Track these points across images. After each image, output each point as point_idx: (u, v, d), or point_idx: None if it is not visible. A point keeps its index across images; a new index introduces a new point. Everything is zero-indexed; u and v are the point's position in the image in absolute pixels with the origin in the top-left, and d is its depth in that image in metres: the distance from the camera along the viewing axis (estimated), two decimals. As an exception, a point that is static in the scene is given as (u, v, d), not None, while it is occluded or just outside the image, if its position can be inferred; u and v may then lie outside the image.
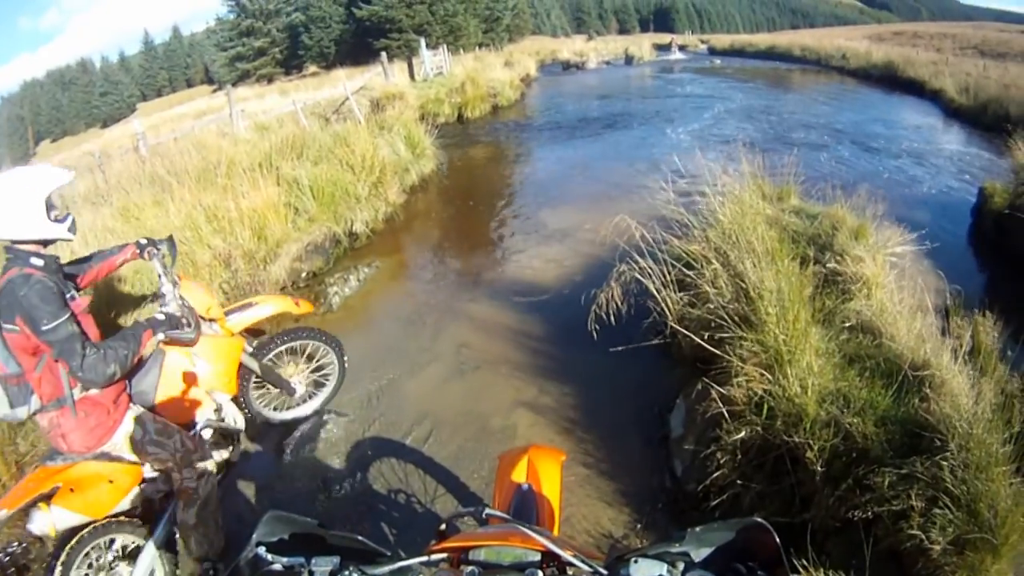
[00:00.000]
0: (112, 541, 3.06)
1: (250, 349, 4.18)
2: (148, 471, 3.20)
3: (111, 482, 3.03)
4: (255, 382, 4.38)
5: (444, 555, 1.39)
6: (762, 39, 49.11)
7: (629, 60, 40.19)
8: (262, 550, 1.29)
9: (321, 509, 3.78)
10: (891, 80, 23.13)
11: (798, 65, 32.51)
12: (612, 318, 4.38)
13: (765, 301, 3.59)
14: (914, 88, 21.01)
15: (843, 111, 17.22)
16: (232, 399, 3.84)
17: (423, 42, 23.35)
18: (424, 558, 1.34)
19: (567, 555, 1.23)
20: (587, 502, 3.64)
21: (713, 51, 47.58)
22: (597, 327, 4.40)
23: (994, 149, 11.59)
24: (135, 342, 2.96)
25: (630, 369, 4.74)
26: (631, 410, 4.46)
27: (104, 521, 2.99)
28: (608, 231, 4.74)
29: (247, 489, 4.10)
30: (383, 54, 20.56)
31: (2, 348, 2.70)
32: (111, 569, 3.04)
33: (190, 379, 3.52)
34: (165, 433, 3.15)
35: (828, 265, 4.57)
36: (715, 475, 3.34)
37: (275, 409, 4.58)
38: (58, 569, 2.76)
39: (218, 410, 3.64)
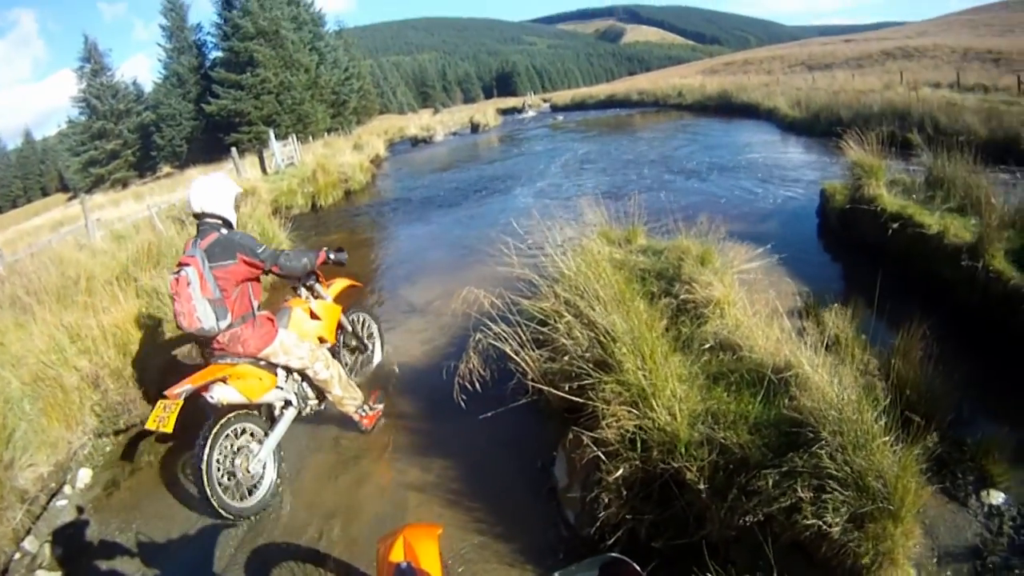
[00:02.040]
0: (244, 430, 4.60)
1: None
2: (281, 379, 4.82)
3: (260, 380, 4.65)
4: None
5: None
6: (601, 89, 51.40)
7: (475, 128, 41.19)
8: None
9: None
10: (727, 108, 24.63)
11: (638, 109, 34.16)
12: (477, 385, 4.48)
13: (619, 343, 3.74)
14: (750, 111, 22.42)
15: (682, 145, 18.15)
16: (329, 349, 5.36)
17: (272, 133, 23.37)
18: None
19: None
20: (488, 568, 3.65)
21: (556, 108, 49.46)
22: (464, 397, 4.48)
23: (830, 153, 12.47)
24: (315, 255, 5.05)
25: (505, 431, 4.80)
26: (514, 470, 4.54)
27: (244, 412, 4.60)
28: (459, 304, 4.85)
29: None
30: (233, 150, 20.53)
31: (212, 281, 4.22)
32: (237, 451, 4.51)
33: (307, 328, 5.20)
34: (299, 345, 4.81)
35: (679, 295, 4.80)
36: (605, 515, 3.42)
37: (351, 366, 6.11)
38: (210, 436, 4.23)
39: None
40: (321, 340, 5.32)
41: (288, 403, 4.94)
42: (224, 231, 4.44)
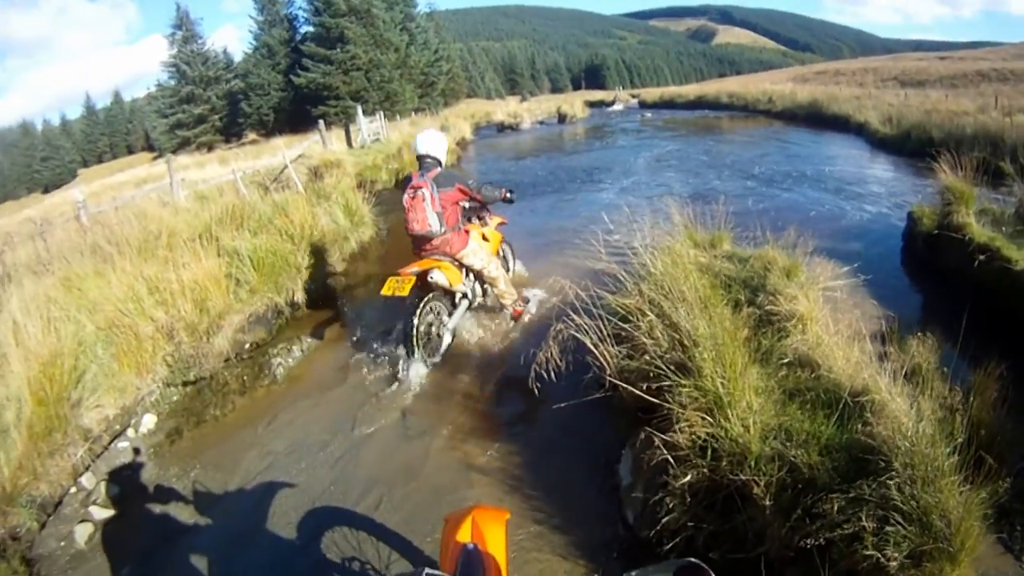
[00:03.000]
0: (437, 308, 6.24)
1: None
2: (464, 277, 6.44)
3: (456, 273, 6.28)
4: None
5: None
6: (690, 89, 50.61)
7: (562, 118, 40.98)
8: None
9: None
10: (817, 118, 23.99)
11: (726, 112, 33.51)
12: (553, 375, 4.42)
13: (700, 348, 3.65)
14: (839, 123, 21.80)
15: (771, 153, 17.74)
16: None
17: (360, 109, 23.55)
18: None
19: None
20: (541, 558, 3.63)
21: (644, 104, 48.82)
22: (539, 385, 4.44)
23: (920, 173, 12.12)
24: (500, 191, 6.63)
25: (575, 424, 4.78)
26: (579, 463, 4.48)
27: (438, 295, 6.20)
28: (544, 292, 4.82)
29: (200, 562, 4.03)
30: (321, 122, 20.64)
31: (438, 200, 5.90)
32: (431, 321, 6.12)
33: (483, 244, 6.72)
34: (480, 252, 6.43)
35: (762, 306, 4.68)
36: (666, 520, 3.35)
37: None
38: (418, 307, 5.88)
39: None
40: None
41: (464, 295, 6.58)
42: (440, 168, 6.12)
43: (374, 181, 15.86)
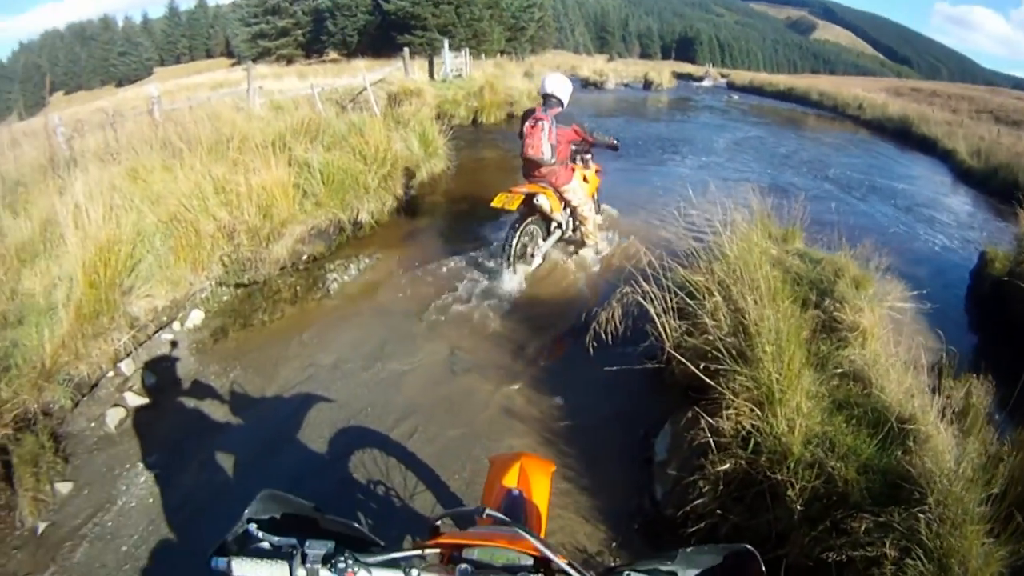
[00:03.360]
0: (534, 231, 6.89)
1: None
2: (561, 208, 7.00)
3: (557, 202, 6.82)
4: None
5: (437, 551, 1.39)
6: (782, 79, 49.09)
7: (647, 85, 40.14)
8: (253, 527, 1.28)
9: (298, 493, 3.79)
10: (904, 135, 23.18)
11: (814, 110, 32.55)
12: (609, 337, 4.41)
13: (763, 338, 3.60)
14: (926, 145, 21.04)
15: (855, 160, 17.24)
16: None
17: (446, 43, 23.31)
18: (418, 552, 1.32)
19: (562, 563, 1.23)
20: (564, 515, 3.64)
21: (732, 86, 47.54)
22: (594, 344, 4.43)
23: (999, 214, 11.69)
24: (608, 137, 7.13)
25: (621, 389, 4.75)
26: (617, 430, 4.46)
27: (536, 219, 6.83)
28: (617, 253, 4.77)
29: (227, 462, 4.11)
30: (405, 49, 20.52)
31: (554, 134, 6.39)
32: (524, 245, 6.72)
33: (583, 183, 7.19)
34: (579, 190, 6.98)
35: (827, 311, 4.59)
36: (695, 503, 3.34)
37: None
38: (519, 227, 6.56)
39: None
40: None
41: (559, 225, 7.23)
42: (561, 109, 6.56)
43: (452, 116, 15.58)
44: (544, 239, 7.10)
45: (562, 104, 6.59)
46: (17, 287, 5.01)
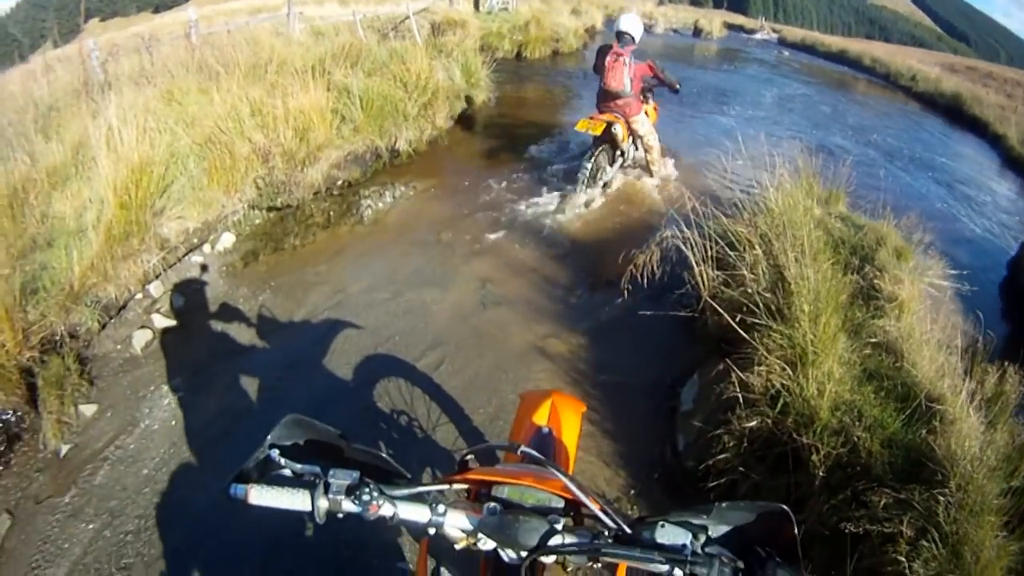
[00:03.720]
0: (604, 156, 7.28)
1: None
2: (628, 138, 7.54)
3: (626, 130, 7.33)
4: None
5: (464, 486, 1.37)
6: (835, 41, 47.60)
7: (697, 32, 39.13)
8: (275, 453, 1.26)
9: (319, 418, 3.83)
10: (955, 113, 22.54)
11: (865, 75, 31.67)
12: (645, 281, 4.37)
13: (801, 297, 3.53)
14: (977, 127, 20.48)
15: (902, 131, 16.81)
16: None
17: (493, -28, 22.82)
18: (445, 486, 1.30)
19: (595, 508, 1.21)
20: (585, 458, 3.63)
21: (783, 42, 46.27)
22: (630, 287, 4.42)
23: (1045, 207, 11.43)
24: (674, 79, 7.54)
25: (652, 335, 4.72)
26: (645, 376, 4.43)
27: (605, 146, 7.26)
28: (661, 197, 4.69)
29: (251, 386, 4.16)
30: (450, -21, 20.18)
31: (633, 68, 6.85)
32: (596, 168, 7.18)
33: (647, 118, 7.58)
34: (645, 122, 7.44)
35: (867, 278, 4.50)
36: (718, 457, 3.33)
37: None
38: (594, 153, 7.06)
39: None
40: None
41: (622, 153, 7.75)
42: (635, 45, 7.04)
43: (496, 49, 15.24)
44: (611, 165, 7.67)
45: (635, 40, 7.07)
46: (48, 210, 5.04)
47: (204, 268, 5.54)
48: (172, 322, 4.81)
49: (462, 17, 15.50)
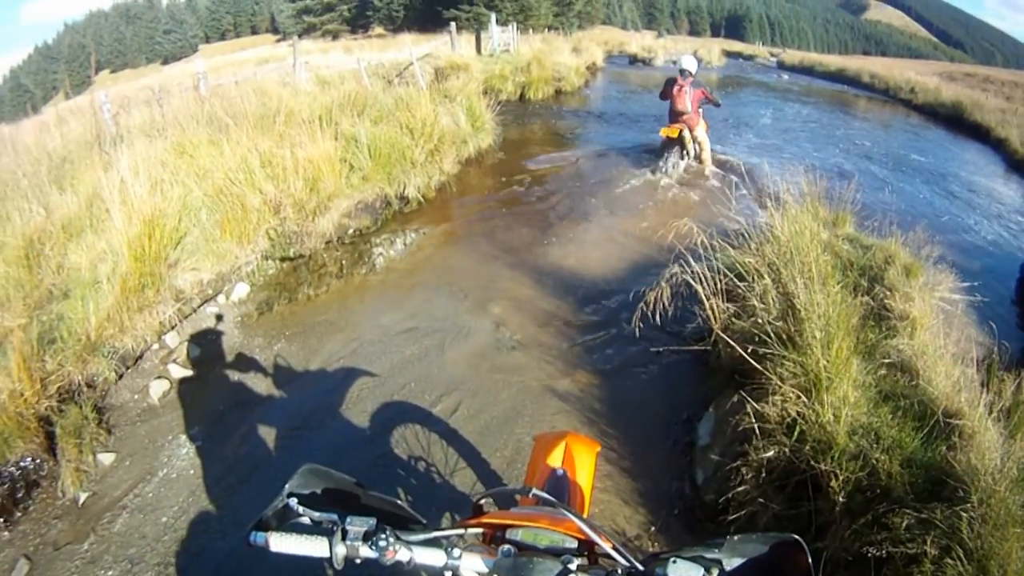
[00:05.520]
0: (675, 154, 9.98)
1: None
2: (691, 140, 9.93)
3: (689, 138, 9.87)
4: None
5: (480, 530, 1.40)
6: (833, 60, 47.95)
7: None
8: (293, 501, 1.29)
9: (338, 467, 3.85)
10: (956, 121, 22.54)
11: (864, 92, 31.77)
12: (657, 318, 4.37)
13: (812, 324, 3.54)
14: (979, 133, 20.45)
15: (905, 145, 16.82)
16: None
17: (493, 17, 23.14)
18: (460, 531, 1.33)
19: (607, 546, 1.23)
20: (604, 497, 3.64)
21: (782, 65, 46.62)
22: (641, 324, 4.41)
23: (1052, 209, 11.38)
24: (718, 98, 10.36)
25: (665, 371, 4.75)
26: (660, 412, 4.44)
27: (677, 149, 9.96)
28: (669, 231, 4.72)
29: (269, 435, 4.18)
30: (452, 24, 20.43)
31: (691, 94, 9.68)
32: (673, 162, 10.03)
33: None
34: (703, 130, 10.02)
35: (877, 298, 4.50)
36: (737, 489, 3.32)
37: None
38: (671, 152, 9.96)
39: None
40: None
41: (686, 153, 10.14)
42: (692, 77, 9.77)
43: (499, 91, 15.47)
44: (681, 158, 10.15)
45: (692, 75, 9.80)
46: (64, 261, 5.12)
47: (219, 318, 5.59)
48: (189, 372, 4.87)
49: (465, 61, 15.71)
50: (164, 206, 5.51)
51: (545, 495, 1.35)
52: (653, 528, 3.50)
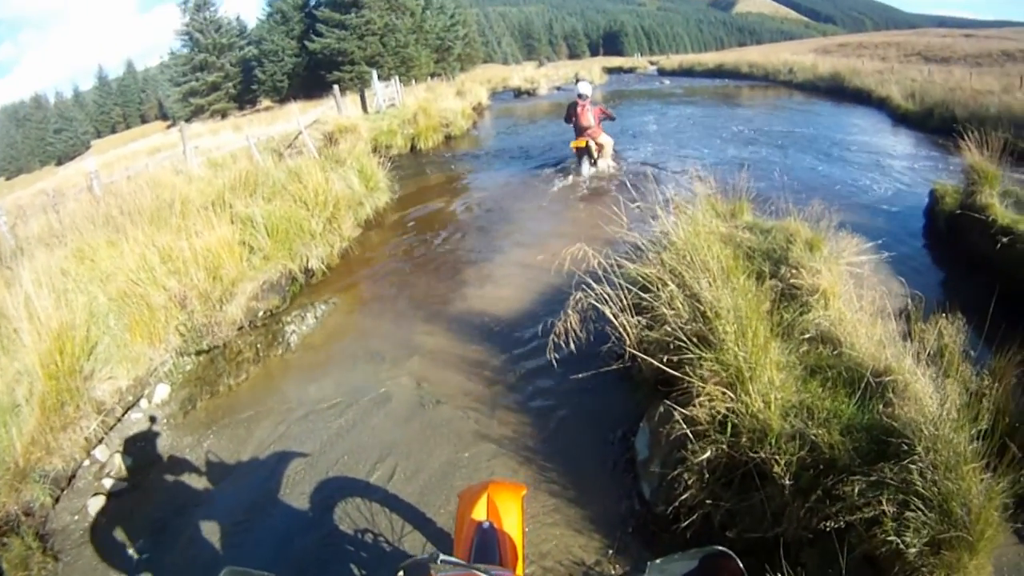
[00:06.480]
0: (585, 160, 12.30)
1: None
2: (595, 147, 12.13)
3: (596, 144, 12.13)
4: None
5: None
6: (710, 58, 49.97)
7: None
8: None
9: (287, 554, 3.73)
10: (838, 91, 23.66)
11: (747, 82, 33.12)
12: (572, 345, 4.35)
13: (722, 319, 3.58)
14: (861, 97, 21.49)
15: (791, 124, 17.51)
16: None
17: (375, 74, 23.44)
18: None
19: None
20: (556, 531, 3.59)
21: (663, 72, 48.24)
22: (556, 356, 4.37)
23: (942, 151, 11.93)
24: (611, 111, 12.96)
25: (592, 395, 4.74)
26: (595, 435, 4.43)
27: (586, 155, 12.24)
28: (564, 259, 4.73)
29: (212, 534, 4.03)
30: (335, 87, 20.55)
31: (592, 112, 12.09)
32: (584, 164, 12.30)
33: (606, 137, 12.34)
34: (607, 138, 12.40)
35: (785, 279, 4.57)
36: (684, 496, 3.30)
37: None
38: (582, 158, 12.29)
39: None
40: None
41: (593, 158, 12.15)
42: (589, 99, 12.07)
43: (389, 146, 15.79)
44: (592, 165, 12.18)
45: (589, 97, 12.09)
46: (-22, 390, 4.90)
47: (146, 423, 5.42)
48: (124, 484, 4.70)
49: (352, 122, 15.75)
50: (71, 317, 5.35)
51: (451, 559, 1.33)
52: (611, 551, 3.46)
